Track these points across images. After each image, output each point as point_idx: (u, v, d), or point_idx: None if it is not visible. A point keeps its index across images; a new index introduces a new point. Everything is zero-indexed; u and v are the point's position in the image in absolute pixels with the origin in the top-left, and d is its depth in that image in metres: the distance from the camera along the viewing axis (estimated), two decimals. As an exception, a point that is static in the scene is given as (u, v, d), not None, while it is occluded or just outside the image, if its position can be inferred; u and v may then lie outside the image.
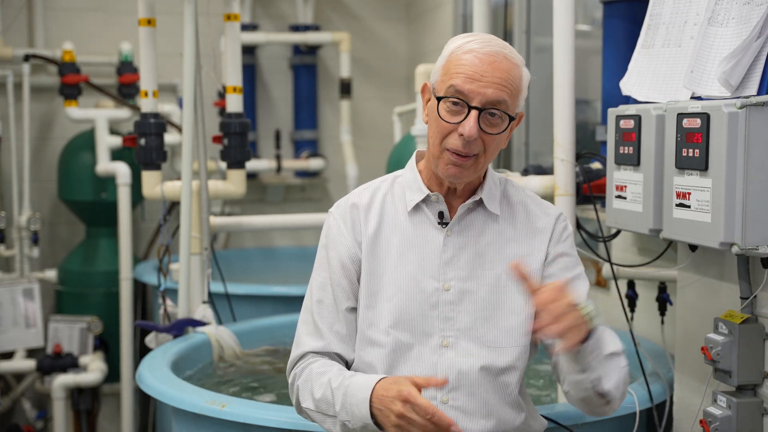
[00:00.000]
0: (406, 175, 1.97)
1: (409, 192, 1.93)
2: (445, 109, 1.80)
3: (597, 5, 3.41)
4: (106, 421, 4.80)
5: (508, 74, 1.79)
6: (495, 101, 1.78)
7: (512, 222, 1.93)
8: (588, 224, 2.76)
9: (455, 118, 1.79)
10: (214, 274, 3.35)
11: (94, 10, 5.18)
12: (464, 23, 4.85)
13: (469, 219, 1.91)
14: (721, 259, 2.11)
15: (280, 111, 5.64)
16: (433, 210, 1.91)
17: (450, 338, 1.87)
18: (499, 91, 1.78)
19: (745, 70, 1.91)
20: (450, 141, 1.80)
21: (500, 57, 1.79)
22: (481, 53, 1.78)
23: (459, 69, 1.79)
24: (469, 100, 1.78)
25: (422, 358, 1.87)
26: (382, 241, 1.91)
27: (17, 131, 4.78)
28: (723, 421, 1.97)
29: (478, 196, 1.90)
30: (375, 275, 1.90)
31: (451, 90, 1.79)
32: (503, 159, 4.26)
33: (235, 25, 3.24)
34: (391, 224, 1.92)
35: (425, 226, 1.91)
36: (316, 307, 1.94)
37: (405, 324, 1.87)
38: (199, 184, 3.25)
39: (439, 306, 1.87)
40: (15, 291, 4.43)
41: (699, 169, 1.93)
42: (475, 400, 1.86)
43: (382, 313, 1.88)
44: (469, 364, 1.86)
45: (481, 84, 1.77)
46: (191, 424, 2.44)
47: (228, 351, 3.09)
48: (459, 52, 1.81)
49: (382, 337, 1.87)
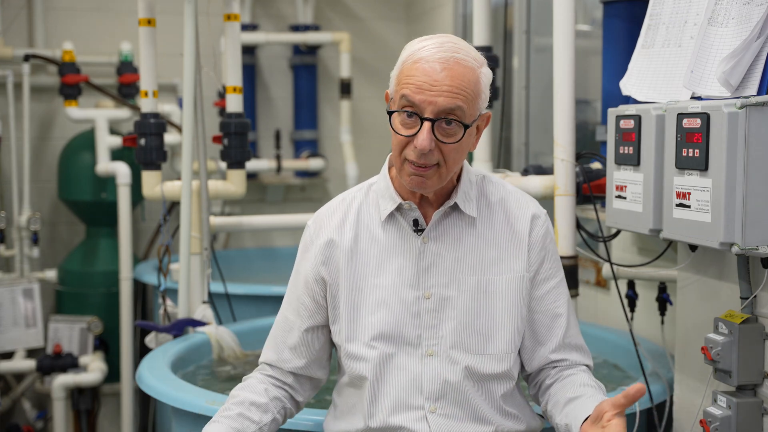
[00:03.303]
0: (379, 182, 1.93)
1: (382, 201, 1.89)
2: (399, 121, 1.77)
3: (597, 5, 3.41)
4: (106, 421, 4.80)
5: (461, 80, 1.72)
6: (448, 109, 1.72)
7: (490, 224, 1.90)
8: (588, 224, 2.76)
9: (410, 130, 1.74)
10: (214, 274, 3.35)
11: (94, 10, 5.18)
12: (464, 23, 4.85)
13: (445, 224, 1.88)
14: (721, 259, 2.11)
15: (280, 111, 5.64)
16: (407, 218, 1.88)
17: (434, 347, 1.85)
18: (452, 98, 1.71)
19: (745, 70, 1.91)
20: (408, 152, 1.76)
21: (452, 62, 1.72)
22: (432, 60, 1.72)
23: (409, 80, 1.73)
24: (421, 111, 1.72)
25: (408, 369, 1.86)
26: (360, 253, 1.89)
27: (17, 131, 4.78)
28: (723, 421, 1.97)
29: (452, 201, 1.87)
30: (355, 289, 1.88)
31: (404, 101, 1.74)
32: (503, 159, 4.26)
33: (235, 25, 3.24)
34: (368, 236, 1.90)
35: (401, 234, 1.88)
36: (281, 322, 2.02)
37: (388, 335, 1.86)
38: (199, 184, 3.25)
39: (420, 315, 1.86)
40: (15, 291, 4.43)
41: (699, 169, 1.93)
42: (462, 407, 1.86)
43: (365, 326, 1.87)
44: (454, 371, 1.85)
45: (432, 93, 1.71)
46: (191, 424, 2.44)
47: (228, 351, 3.09)
48: (410, 62, 1.75)
49: (365, 350, 1.87)
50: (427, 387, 1.85)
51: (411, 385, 1.85)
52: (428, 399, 1.85)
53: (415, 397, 1.85)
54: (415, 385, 1.85)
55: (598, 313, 3.43)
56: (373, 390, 1.87)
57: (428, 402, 1.85)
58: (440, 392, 1.85)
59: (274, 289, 3.98)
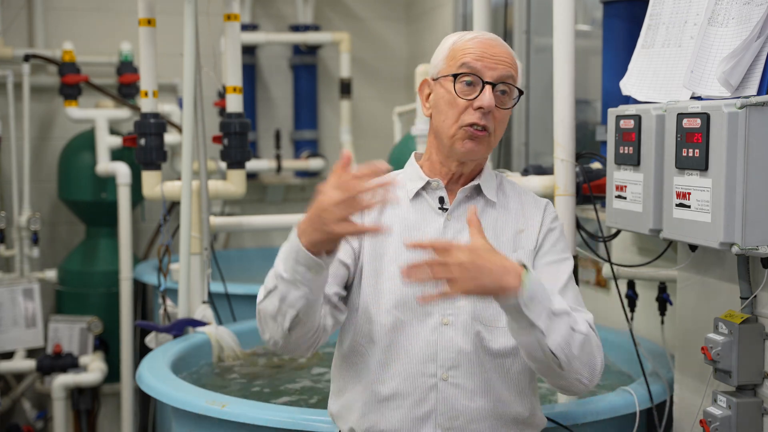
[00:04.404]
0: (406, 170, 2.05)
1: (410, 182, 2.00)
2: (459, 88, 1.90)
3: (597, 5, 3.41)
4: (106, 421, 4.80)
5: (508, 55, 1.94)
6: (505, 76, 1.91)
7: (507, 209, 2.00)
8: (588, 224, 2.76)
9: (470, 95, 1.90)
10: (214, 274, 3.35)
11: (94, 10, 5.18)
12: (464, 23, 4.85)
13: (467, 205, 1.96)
14: (721, 259, 2.11)
15: (280, 111, 5.64)
16: (433, 196, 1.97)
17: (450, 316, 1.89)
18: (507, 67, 1.92)
19: (745, 70, 1.91)
20: (466, 117, 1.89)
21: (499, 42, 1.96)
22: (482, 38, 1.95)
23: (467, 51, 1.92)
24: (483, 76, 1.89)
25: (421, 336, 1.89)
26: (384, 224, 1.94)
27: (17, 131, 4.78)
28: (723, 421, 1.97)
29: (477, 181, 1.98)
30: (377, 257, 1.93)
31: (464, 68, 1.90)
32: (503, 159, 4.26)
33: (235, 25, 3.24)
34: (393, 212, 1.96)
35: (426, 211, 1.97)
36: None
37: (406, 303, 1.90)
38: (199, 184, 3.25)
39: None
40: (15, 291, 4.43)
41: (699, 169, 1.93)
42: (475, 379, 1.89)
43: (383, 292, 1.91)
44: (470, 341, 1.88)
45: (491, 61, 1.90)
46: (191, 424, 2.44)
47: (228, 351, 3.09)
48: (461, 41, 1.95)
49: (383, 315, 1.90)
50: (441, 355, 1.88)
51: (426, 352, 1.89)
52: (442, 367, 1.88)
53: (428, 364, 1.88)
54: (429, 353, 1.89)
55: (598, 313, 3.42)
56: (386, 355, 1.90)
57: (441, 370, 1.88)
58: (454, 361, 1.88)
59: (274, 289, 3.97)
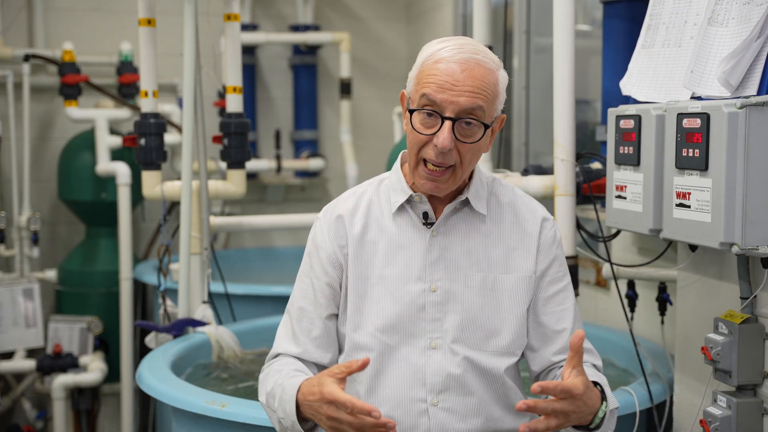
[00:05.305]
0: (391, 177, 1.95)
1: (393, 194, 1.91)
2: (419, 120, 1.78)
3: (597, 5, 3.41)
4: (106, 421, 4.80)
5: (481, 81, 1.75)
6: (469, 109, 1.74)
7: (500, 223, 1.92)
8: (588, 224, 2.76)
9: (430, 129, 1.76)
10: (214, 274, 3.35)
11: (94, 10, 5.18)
12: (464, 23, 4.85)
13: (455, 219, 1.89)
14: (721, 259, 2.11)
15: (280, 111, 5.64)
16: (417, 211, 1.89)
17: (438, 339, 1.86)
18: (473, 98, 1.74)
19: (745, 70, 1.91)
20: (426, 152, 1.78)
21: (472, 63, 1.75)
22: (453, 61, 1.74)
23: (431, 79, 1.75)
24: (442, 111, 1.74)
25: (410, 361, 1.86)
26: (368, 243, 1.90)
27: (17, 131, 4.78)
28: (723, 421, 1.97)
29: (464, 196, 1.88)
30: (362, 278, 1.89)
31: (424, 100, 1.76)
32: (503, 159, 4.26)
33: (235, 25, 3.24)
34: (377, 227, 1.91)
35: (410, 227, 1.89)
36: (296, 313, 1.94)
37: (392, 327, 1.86)
38: (199, 184, 3.25)
39: (426, 308, 1.86)
40: (15, 291, 4.43)
41: (699, 169, 1.93)
42: (465, 401, 1.86)
43: (369, 316, 1.87)
44: (458, 365, 1.85)
45: (453, 93, 1.73)
46: (191, 424, 2.44)
47: (228, 351, 3.09)
48: (430, 62, 1.77)
49: (369, 340, 1.87)
50: (430, 379, 1.85)
51: (414, 378, 1.85)
52: (431, 392, 1.85)
53: (417, 389, 1.85)
54: (418, 378, 1.85)
55: (598, 313, 3.43)
56: (373, 381, 1.87)
57: (431, 395, 1.85)
58: (443, 385, 1.85)
59: (274, 289, 3.99)
